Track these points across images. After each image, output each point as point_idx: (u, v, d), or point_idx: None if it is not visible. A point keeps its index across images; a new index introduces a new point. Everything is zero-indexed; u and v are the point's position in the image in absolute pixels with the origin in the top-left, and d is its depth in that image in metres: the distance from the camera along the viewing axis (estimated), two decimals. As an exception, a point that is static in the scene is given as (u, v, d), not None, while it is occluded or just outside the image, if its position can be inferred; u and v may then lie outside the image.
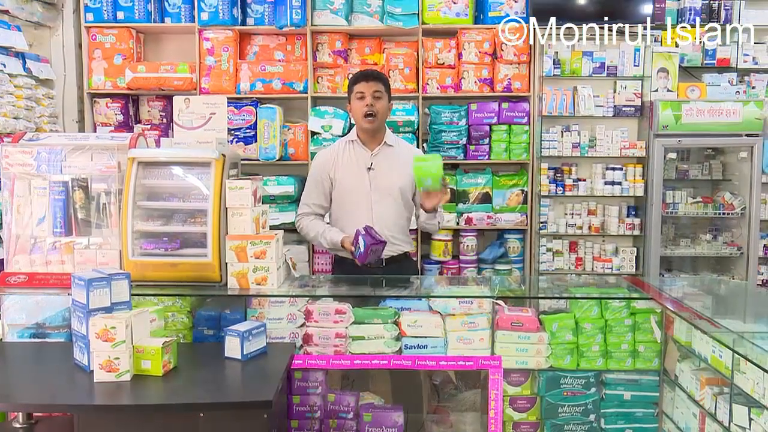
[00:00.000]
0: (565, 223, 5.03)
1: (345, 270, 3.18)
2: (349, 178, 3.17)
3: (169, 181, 2.78)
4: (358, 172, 3.17)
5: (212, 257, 2.65)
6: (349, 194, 3.16)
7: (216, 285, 2.67)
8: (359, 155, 3.20)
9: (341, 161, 3.20)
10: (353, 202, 3.14)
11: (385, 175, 3.18)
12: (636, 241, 5.08)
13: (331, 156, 3.23)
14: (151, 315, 2.35)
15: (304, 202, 3.29)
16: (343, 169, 3.19)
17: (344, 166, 3.19)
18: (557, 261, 5.02)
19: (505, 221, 4.92)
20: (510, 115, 4.84)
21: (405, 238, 3.27)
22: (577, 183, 4.99)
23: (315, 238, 3.22)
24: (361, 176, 3.17)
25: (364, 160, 3.19)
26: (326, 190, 3.23)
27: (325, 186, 3.23)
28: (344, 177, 3.18)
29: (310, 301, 2.70)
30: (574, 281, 4.15)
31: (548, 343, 2.71)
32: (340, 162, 3.20)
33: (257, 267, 2.64)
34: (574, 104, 4.94)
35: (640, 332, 2.75)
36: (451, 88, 4.86)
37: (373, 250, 2.85)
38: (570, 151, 4.94)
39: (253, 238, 2.65)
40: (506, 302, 2.76)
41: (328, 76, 4.90)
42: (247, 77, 4.79)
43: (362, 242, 2.84)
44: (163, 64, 4.79)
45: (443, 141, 4.84)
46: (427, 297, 2.84)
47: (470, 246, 4.93)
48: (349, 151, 3.22)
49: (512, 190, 4.94)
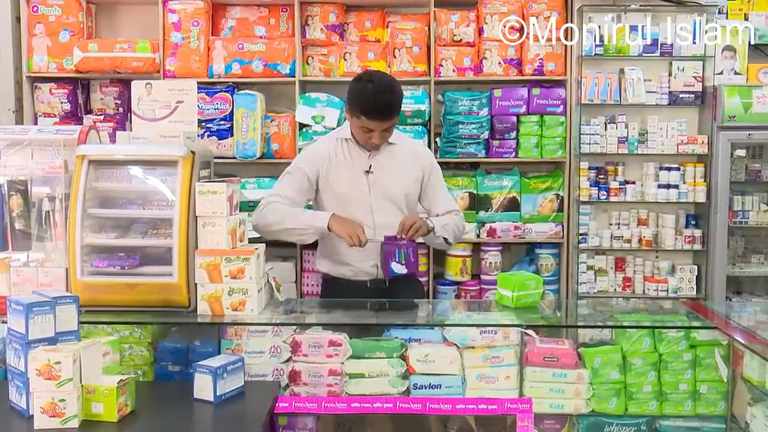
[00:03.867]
0: (609, 236, 5.03)
1: (339, 292, 3.18)
2: (344, 183, 3.16)
3: (127, 184, 2.78)
4: (354, 177, 3.17)
5: (178, 277, 2.65)
6: (343, 204, 3.14)
7: (183, 311, 2.67)
8: (355, 156, 3.19)
9: (335, 162, 3.19)
10: (349, 213, 3.13)
11: (387, 178, 3.18)
12: (697, 258, 5.07)
13: (325, 153, 3.21)
14: (104, 347, 2.35)
15: (277, 191, 3.17)
16: (336, 171, 3.18)
17: (338, 168, 3.18)
18: (600, 282, 5.01)
19: (536, 233, 4.92)
20: (542, 103, 4.86)
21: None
22: (624, 186, 4.99)
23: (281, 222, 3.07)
24: (358, 181, 3.16)
25: (361, 162, 3.18)
26: (304, 188, 3.17)
27: (305, 182, 3.17)
28: (338, 182, 3.17)
29: (298, 330, 2.70)
30: (621, 306, 4.14)
31: (589, 383, 2.70)
32: (333, 162, 3.19)
33: (233, 289, 2.64)
34: (621, 90, 4.95)
35: (702, 369, 2.74)
36: (469, 70, 4.88)
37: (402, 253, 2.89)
38: (615, 148, 4.94)
39: (229, 254, 2.65)
40: (538, 332, 2.75)
41: (320, 57, 4.92)
42: (222, 57, 4.82)
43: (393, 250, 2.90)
44: (120, 42, 4.82)
45: (460, 135, 4.85)
46: (440, 325, 2.83)
47: (493, 263, 4.94)
48: (342, 150, 3.20)
49: (545, 194, 4.95)
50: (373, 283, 3.16)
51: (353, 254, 3.10)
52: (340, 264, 3.19)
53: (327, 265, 3.27)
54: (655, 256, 5.13)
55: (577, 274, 4.93)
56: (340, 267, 3.20)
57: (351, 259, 3.15)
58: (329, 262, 3.25)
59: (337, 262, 3.20)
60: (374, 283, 3.15)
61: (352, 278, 3.18)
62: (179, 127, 2.86)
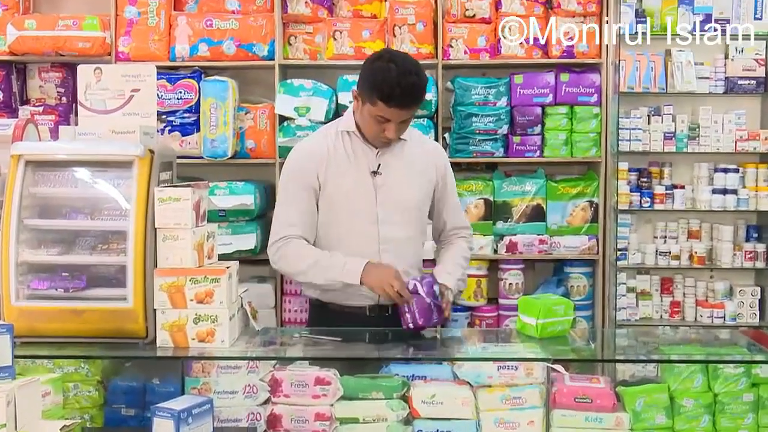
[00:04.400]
0: (654, 251, 5.04)
1: (330, 320, 3.17)
2: (345, 186, 3.16)
3: (72, 189, 2.78)
4: (358, 179, 3.17)
5: (134, 301, 2.65)
6: (342, 212, 3.15)
7: (139, 342, 2.67)
8: (359, 153, 3.19)
9: (334, 160, 3.19)
10: (349, 223, 3.14)
11: (398, 182, 3.19)
12: (760, 278, 5.08)
13: (320, 151, 3.20)
14: (44, 387, 2.35)
15: (286, 220, 3.20)
16: (337, 171, 3.18)
17: (338, 167, 3.18)
18: (643, 307, 5.02)
19: (565, 248, 4.93)
20: (572, 91, 4.88)
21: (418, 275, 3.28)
22: (671, 191, 5.01)
23: (305, 273, 3.15)
24: (362, 184, 3.16)
25: (368, 161, 3.19)
26: (313, 203, 3.19)
27: (311, 196, 3.18)
28: (338, 184, 3.17)
29: (278, 365, 2.70)
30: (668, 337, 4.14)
31: (630, 429, 2.70)
32: (332, 161, 3.19)
33: (200, 316, 2.65)
34: (667, 76, 4.98)
35: (767, 413, 2.75)
36: (485, 52, 4.90)
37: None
38: (661, 145, 4.96)
39: (195, 273, 2.65)
40: (568, 368, 2.75)
41: (304, 36, 4.94)
42: (186, 37, 4.83)
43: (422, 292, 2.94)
44: (63, 18, 4.83)
45: (473, 130, 4.87)
46: (450, 360, 2.83)
47: (514, 284, 4.94)
48: (344, 146, 3.20)
49: (576, 201, 4.96)
50: (373, 310, 3.16)
51: None
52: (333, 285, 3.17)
53: (315, 287, 3.26)
54: (709, 276, 5.15)
55: (614, 297, 4.93)
56: (333, 290, 3.18)
57: None
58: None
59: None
60: (374, 310, 3.16)
61: (347, 303, 3.18)
62: (135, 121, 2.86)
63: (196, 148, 4.78)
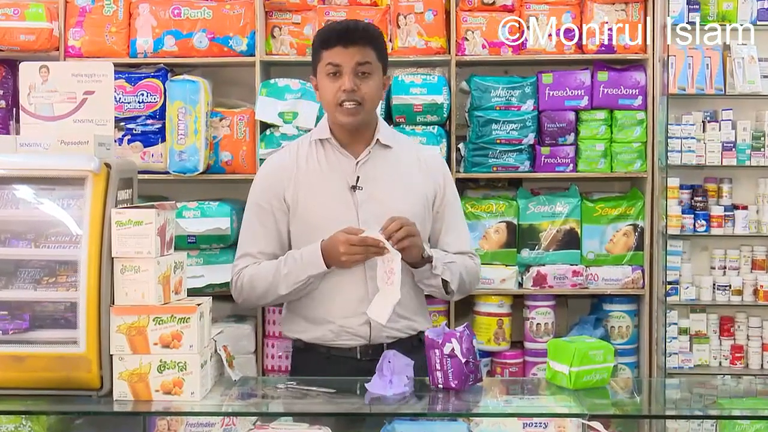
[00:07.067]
0: (711, 285, 5.05)
1: (315, 366, 3.20)
2: (320, 204, 3.20)
3: (12, 210, 2.79)
4: (334, 194, 3.21)
5: (86, 345, 2.65)
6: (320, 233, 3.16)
7: (93, 394, 2.67)
8: (335, 165, 3.24)
9: (305, 176, 3.24)
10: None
11: (382, 197, 3.21)
12: (839, 317, 5.09)
13: (289, 164, 3.27)
14: (-23, 448, 2.36)
15: (245, 250, 3.29)
16: (308, 187, 3.22)
17: (310, 182, 3.23)
18: (698, 352, 5.02)
19: (604, 281, 4.94)
20: (612, 93, 4.90)
21: (419, 308, 3.30)
22: (732, 213, 5.02)
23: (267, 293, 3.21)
24: (341, 201, 3.20)
25: (344, 173, 3.22)
26: (281, 230, 3.25)
27: (278, 222, 3.25)
28: (311, 205, 3.21)
29: (259, 422, 2.70)
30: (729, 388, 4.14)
31: (683, 499, 2.71)
32: (303, 176, 3.24)
33: (166, 363, 2.65)
34: (725, 74, 4.99)
35: None
36: (507, 46, 4.91)
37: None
38: (719, 157, 4.98)
39: (160, 312, 2.66)
40: (608, 424, 2.76)
41: (291, 27, 4.96)
42: (150, 28, 4.85)
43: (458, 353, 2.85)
44: (2, 6, 4.85)
45: (494, 140, 4.88)
46: (466, 416, 2.84)
47: (543, 325, 4.94)
48: (318, 157, 3.25)
49: (617, 225, 4.96)
50: (364, 354, 3.18)
51: (334, 302, 3.15)
52: (316, 322, 3.21)
53: (297, 326, 3.28)
54: (777, 315, 5.15)
55: (664, 340, 4.93)
56: (316, 327, 3.21)
57: (331, 312, 3.18)
58: (300, 321, 3.27)
59: (312, 320, 3.22)
60: (366, 352, 3.18)
61: (334, 344, 3.20)
62: (88, 129, 2.88)
63: (161, 161, 4.78)
